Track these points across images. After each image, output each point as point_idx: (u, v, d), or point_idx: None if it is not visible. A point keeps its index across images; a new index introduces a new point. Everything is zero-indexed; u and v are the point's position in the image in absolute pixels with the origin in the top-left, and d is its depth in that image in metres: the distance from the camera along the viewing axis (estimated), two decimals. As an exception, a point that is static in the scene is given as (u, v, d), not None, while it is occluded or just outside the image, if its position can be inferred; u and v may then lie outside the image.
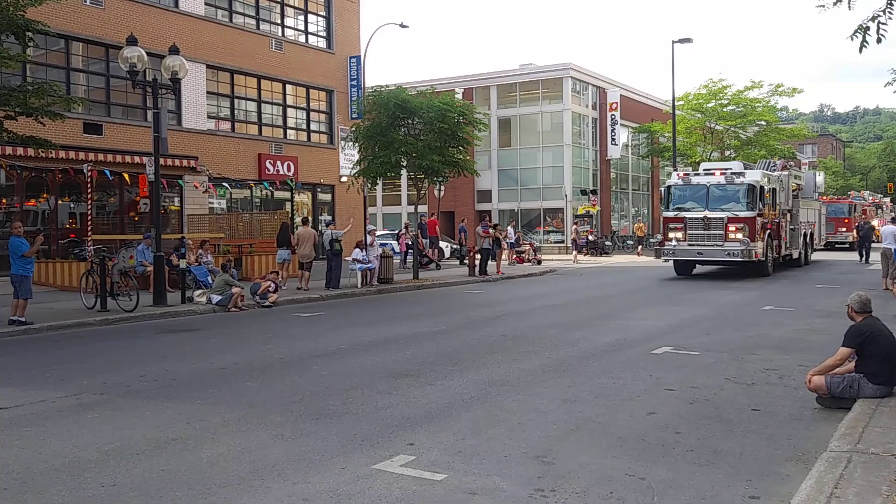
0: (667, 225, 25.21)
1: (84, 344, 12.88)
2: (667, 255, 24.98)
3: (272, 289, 18.20)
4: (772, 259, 25.29)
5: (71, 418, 7.70)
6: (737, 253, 23.35)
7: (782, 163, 29.64)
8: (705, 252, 24.09)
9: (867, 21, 6.94)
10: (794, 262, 28.85)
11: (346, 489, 5.54)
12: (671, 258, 25.15)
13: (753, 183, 24.05)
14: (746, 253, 23.24)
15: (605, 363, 10.36)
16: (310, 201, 36.04)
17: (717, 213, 24.01)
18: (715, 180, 24.60)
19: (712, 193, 24.41)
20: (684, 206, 24.71)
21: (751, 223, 23.57)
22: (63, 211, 26.09)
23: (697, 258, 24.73)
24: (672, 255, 24.82)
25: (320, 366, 10.37)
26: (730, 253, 23.51)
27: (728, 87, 46.44)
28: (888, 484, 5.10)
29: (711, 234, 23.92)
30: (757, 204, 23.83)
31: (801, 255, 29.54)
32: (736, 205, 23.93)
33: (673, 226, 24.78)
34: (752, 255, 23.42)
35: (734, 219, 23.71)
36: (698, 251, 24.18)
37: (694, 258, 24.82)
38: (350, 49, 36.86)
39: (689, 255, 24.61)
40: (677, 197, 25.05)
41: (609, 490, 5.48)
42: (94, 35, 26.31)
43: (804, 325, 13.78)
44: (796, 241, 28.88)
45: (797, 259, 29.13)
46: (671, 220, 24.94)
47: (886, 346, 7.68)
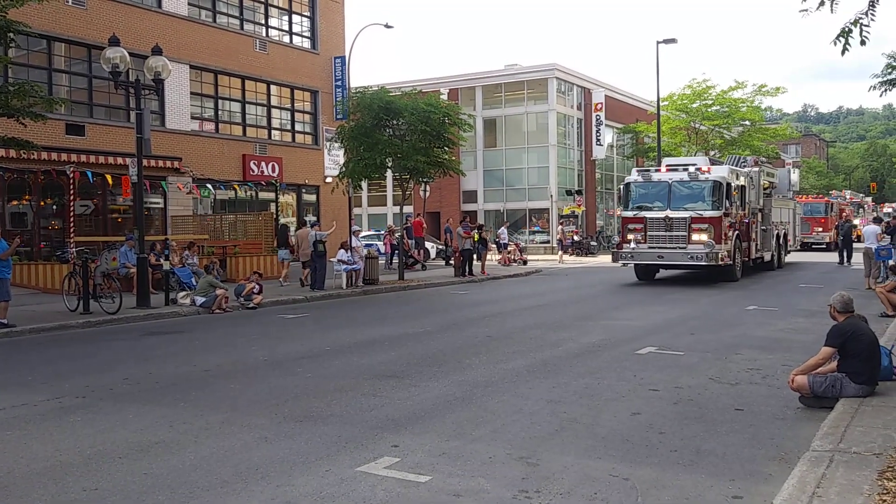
0: (625, 226, 23.42)
1: (66, 346, 12.78)
2: (625, 258, 23.04)
3: (256, 290, 18.14)
4: (740, 263, 23.49)
5: (53, 422, 7.64)
6: (701, 256, 21.47)
7: (754, 159, 27.80)
8: (666, 255, 22.28)
9: (849, 24, 6.98)
10: (766, 265, 26.99)
11: (330, 491, 5.52)
12: (630, 262, 23.23)
13: (719, 180, 22.14)
14: (711, 256, 21.42)
15: (589, 364, 10.38)
16: (294, 202, 35.92)
17: (679, 212, 22.14)
18: (678, 177, 22.59)
19: (675, 191, 22.46)
20: (645, 205, 22.85)
21: (716, 223, 21.73)
22: (45, 212, 25.89)
23: (658, 262, 22.99)
24: (630, 258, 22.91)
25: (305, 367, 10.34)
26: (693, 256, 21.62)
27: (712, 87, 46.69)
28: (870, 483, 5.13)
29: (674, 236, 22.09)
30: (723, 202, 21.96)
31: (773, 257, 27.58)
32: (701, 204, 22.06)
33: (632, 227, 22.91)
34: (718, 259, 21.58)
35: (698, 219, 21.84)
36: (659, 254, 22.36)
37: (654, 262, 23.06)
38: (335, 49, 36.78)
39: (649, 259, 22.79)
40: (637, 195, 23.17)
41: (593, 490, 5.49)
42: (77, 35, 26.13)
43: (787, 325, 13.85)
44: (768, 242, 26.92)
45: (769, 262, 27.23)
46: (630, 221, 23.08)
47: (868, 346, 7.73)
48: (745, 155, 31.39)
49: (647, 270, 24.05)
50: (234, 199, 32.81)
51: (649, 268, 23.84)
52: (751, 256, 24.81)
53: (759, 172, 26.08)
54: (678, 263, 22.83)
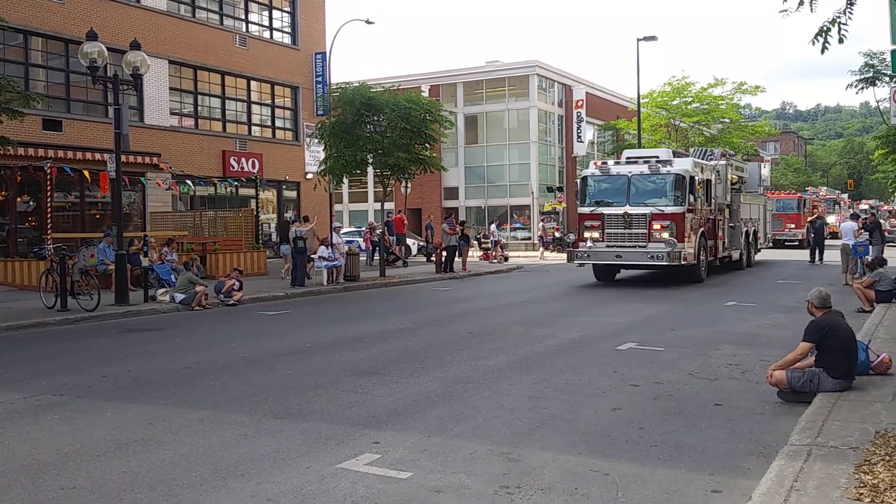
0: (582, 223, 21.78)
1: (43, 344, 12.65)
2: (580, 258, 21.41)
3: (237, 287, 18.03)
4: (705, 262, 22.06)
5: (29, 420, 7.56)
6: (661, 256, 19.98)
7: (721, 152, 26.39)
8: (625, 255, 20.78)
9: (828, 23, 7.04)
10: (734, 264, 25.82)
11: (310, 488, 5.50)
12: (586, 262, 21.66)
13: (682, 173, 20.64)
14: (673, 256, 19.91)
15: (570, 359, 10.40)
16: (275, 199, 35.77)
17: (639, 208, 20.65)
18: (638, 170, 21.08)
19: (635, 186, 20.95)
20: (603, 200, 21.31)
21: (678, 220, 20.31)
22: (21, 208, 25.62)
23: (616, 262, 21.41)
24: (586, 258, 21.31)
25: (285, 364, 10.30)
26: (653, 256, 20.12)
27: (692, 84, 46.94)
28: (847, 476, 5.18)
29: (633, 234, 20.65)
30: (686, 198, 20.50)
31: (742, 256, 26.41)
32: (662, 199, 20.63)
33: (589, 224, 21.38)
34: (680, 258, 20.07)
35: (659, 215, 20.41)
36: (617, 254, 20.80)
37: (612, 262, 21.48)
38: (315, 45, 36.63)
39: (606, 259, 21.24)
40: (595, 190, 21.61)
41: (574, 486, 5.50)
42: (54, 30, 25.86)
43: (766, 321, 13.96)
44: (737, 240, 25.68)
45: (738, 261, 26.04)
46: (587, 217, 21.52)
47: (845, 341, 7.81)
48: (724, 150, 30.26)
49: (606, 271, 22.74)
50: (213, 195, 32.62)
51: (609, 268, 22.51)
52: (717, 255, 23.62)
53: (726, 166, 24.82)
54: (637, 263, 21.47)
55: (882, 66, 20.51)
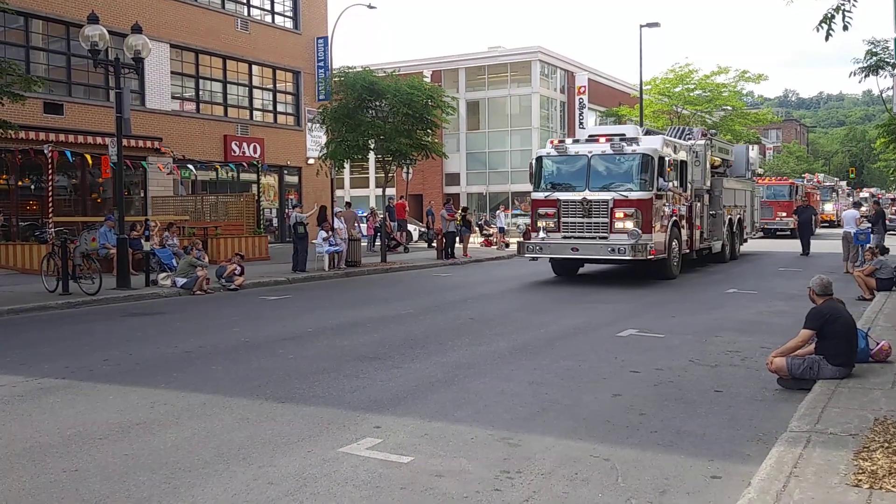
0: (535, 210, 19.09)
1: (45, 328, 12.68)
2: (532, 251, 18.75)
3: (238, 272, 18.05)
4: (678, 256, 19.50)
5: (32, 403, 7.59)
6: (624, 249, 17.33)
7: (701, 130, 23.76)
8: (583, 248, 18.02)
9: (832, 10, 7.01)
10: (715, 256, 23.35)
11: (312, 472, 5.53)
12: (538, 255, 19.01)
13: (649, 153, 18.01)
14: (638, 248, 17.30)
15: (571, 346, 10.43)
16: (276, 183, 35.73)
17: (600, 193, 18.02)
18: (599, 149, 18.39)
19: (595, 167, 18.27)
20: (559, 184, 18.79)
21: (645, 207, 17.71)
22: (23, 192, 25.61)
23: (572, 255, 18.58)
24: (538, 251, 18.63)
25: (286, 349, 10.32)
26: (614, 249, 17.52)
27: (695, 71, 46.80)
28: (846, 463, 5.20)
29: (593, 224, 17.99)
30: (655, 181, 17.92)
31: (725, 247, 23.80)
32: (626, 183, 18.03)
33: (543, 211, 18.75)
34: (646, 252, 17.44)
35: (622, 202, 17.78)
36: (573, 247, 18.11)
37: (567, 256, 18.68)
38: (317, 30, 36.49)
39: (561, 252, 18.53)
40: (550, 172, 18.98)
41: (574, 471, 5.53)
42: (55, 13, 25.75)
43: (766, 308, 13.97)
44: (718, 230, 23.15)
45: (720, 253, 23.49)
46: (541, 204, 18.86)
47: (846, 328, 7.82)
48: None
49: (565, 265, 20.08)
50: (215, 180, 32.58)
51: (569, 262, 19.73)
52: (694, 247, 21.09)
53: (705, 146, 21.95)
54: (596, 258, 18.74)
55: (885, 55, 20.39)
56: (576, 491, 5.18)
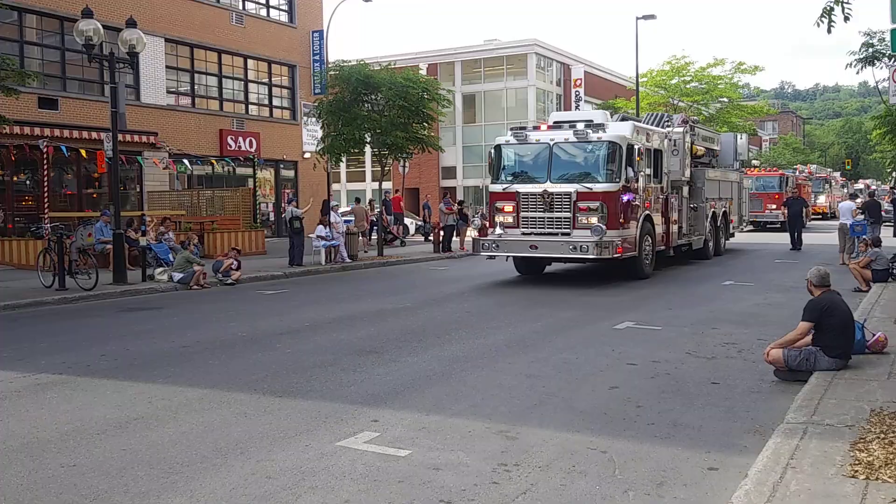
0: (493, 204, 17.58)
1: (42, 323, 12.66)
2: (487, 248, 17.07)
3: (235, 266, 18.03)
4: (651, 253, 17.93)
5: (29, 398, 7.58)
6: (587, 247, 15.75)
7: (682, 117, 22.18)
8: (542, 245, 16.49)
9: (831, 3, 6.99)
10: (696, 253, 21.74)
11: (309, 466, 5.54)
12: (495, 253, 17.20)
13: (617, 140, 16.47)
14: (602, 246, 15.74)
15: (568, 338, 10.44)
16: (273, 178, 35.69)
17: (562, 185, 16.42)
18: (561, 136, 16.80)
19: (557, 157, 16.72)
20: (518, 175, 17.32)
21: (611, 201, 16.15)
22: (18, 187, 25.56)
23: (531, 254, 16.99)
24: (495, 248, 16.94)
25: (284, 343, 10.32)
26: (576, 247, 15.94)
27: (691, 63, 46.75)
28: (842, 454, 5.21)
29: (555, 219, 16.45)
30: (622, 172, 16.37)
31: (707, 243, 22.21)
32: (591, 174, 16.51)
33: (501, 205, 17.23)
34: (612, 250, 15.91)
35: (586, 194, 16.16)
36: (532, 244, 16.57)
37: (526, 254, 17.11)
38: (313, 23, 36.40)
39: (519, 250, 16.95)
40: (510, 162, 17.54)
41: (571, 463, 5.54)
42: (49, 7, 25.67)
43: (763, 300, 13.99)
44: (700, 224, 21.68)
45: (701, 249, 21.89)
46: (499, 197, 17.32)
47: (843, 320, 7.83)
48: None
49: (530, 263, 18.31)
50: (211, 174, 32.54)
51: (533, 259, 17.88)
52: (670, 243, 19.54)
53: (683, 134, 20.23)
54: (556, 256, 17.20)
55: (881, 46, 20.38)
56: (573, 483, 5.20)
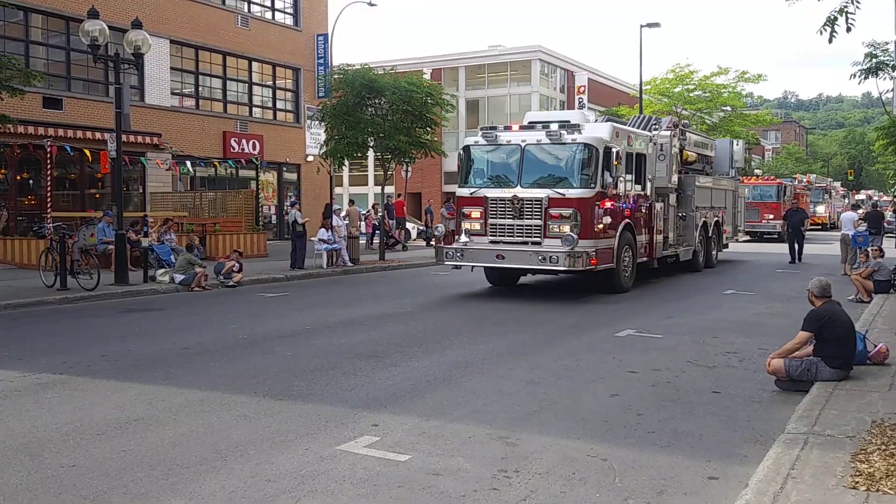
0: (460, 209, 16.33)
1: (43, 323, 12.67)
2: (451, 258, 15.80)
3: (236, 268, 18.04)
4: (631, 266, 16.68)
5: (29, 398, 7.58)
6: (557, 258, 14.48)
7: (671, 120, 20.57)
8: (510, 255, 15.16)
9: (835, 12, 7.00)
10: (685, 265, 20.58)
11: (309, 470, 5.53)
12: (460, 262, 15.86)
13: (593, 143, 15.19)
14: (574, 257, 14.45)
15: (569, 345, 10.43)
16: (275, 180, 35.72)
17: (533, 190, 15.20)
18: (534, 138, 15.59)
19: (529, 159, 15.53)
20: (487, 179, 16.08)
21: (585, 208, 14.91)
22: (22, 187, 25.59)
23: (497, 264, 15.66)
24: (460, 257, 15.65)
25: (284, 346, 10.32)
26: (546, 258, 14.65)
27: (695, 72, 46.74)
28: (843, 465, 5.21)
29: (525, 227, 15.22)
30: (600, 177, 15.16)
31: (697, 254, 20.94)
32: (564, 178, 15.30)
33: (467, 210, 16.02)
34: (585, 261, 14.66)
35: (559, 201, 14.95)
36: (498, 253, 15.24)
37: (491, 265, 15.86)
38: (317, 27, 36.47)
39: (485, 260, 15.59)
40: (479, 165, 16.30)
41: (571, 471, 5.53)
42: (55, 7, 25.72)
43: (764, 309, 13.98)
44: (689, 234, 20.46)
45: (691, 261, 20.71)
46: (466, 202, 16.09)
47: (844, 331, 7.83)
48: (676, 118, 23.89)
49: (502, 274, 17.13)
50: (214, 176, 32.57)
51: (503, 270, 16.60)
52: (653, 254, 18.20)
53: (671, 138, 18.86)
54: (524, 268, 15.89)
55: (885, 57, 20.39)
56: (573, 490, 5.19)
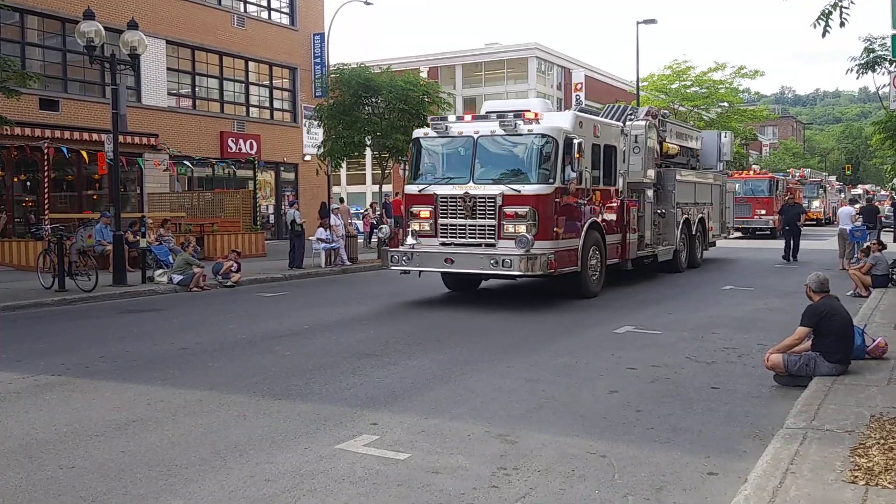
0: (409, 208, 14.92)
1: (41, 324, 12.65)
2: (396, 262, 14.28)
3: (234, 268, 18.03)
4: (599, 268, 15.27)
5: (28, 399, 7.57)
6: (511, 262, 13.07)
7: (647, 110, 19.32)
8: (460, 259, 13.68)
9: (829, 7, 7.01)
10: (665, 265, 19.09)
11: (309, 469, 5.53)
12: (407, 267, 14.39)
13: (551, 134, 13.75)
14: (530, 261, 13.06)
15: (567, 342, 10.43)
16: (273, 180, 35.70)
17: (486, 187, 13.77)
18: (487, 129, 14.15)
19: (483, 153, 14.12)
20: (438, 175, 14.73)
21: (542, 206, 13.50)
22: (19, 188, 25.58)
23: (446, 269, 14.21)
24: (406, 261, 14.18)
25: (283, 346, 10.31)
26: (498, 261, 13.22)
27: (692, 68, 46.82)
28: (842, 459, 5.21)
29: (477, 227, 13.78)
30: (560, 171, 13.68)
31: (679, 253, 19.58)
32: (521, 173, 13.91)
33: (416, 209, 14.58)
34: (544, 265, 13.24)
35: (513, 198, 13.53)
36: (448, 257, 13.77)
37: (440, 269, 14.38)
38: (314, 26, 36.44)
39: (434, 265, 14.11)
40: (429, 159, 14.98)
41: (571, 468, 5.53)
42: (50, 9, 25.69)
43: (763, 305, 13.98)
44: (669, 232, 19.10)
45: (672, 261, 19.24)
46: (415, 200, 14.65)
47: (842, 325, 7.83)
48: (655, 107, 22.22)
49: (460, 277, 15.71)
50: (211, 176, 32.56)
51: (459, 276, 15.43)
52: (627, 255, 16.69)
53: (647, 129, 17.25)
54: (475, 272, 14.32)
55: (882, 51, 20.41)
56: (573, 487, 5.19)
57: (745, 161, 54.06)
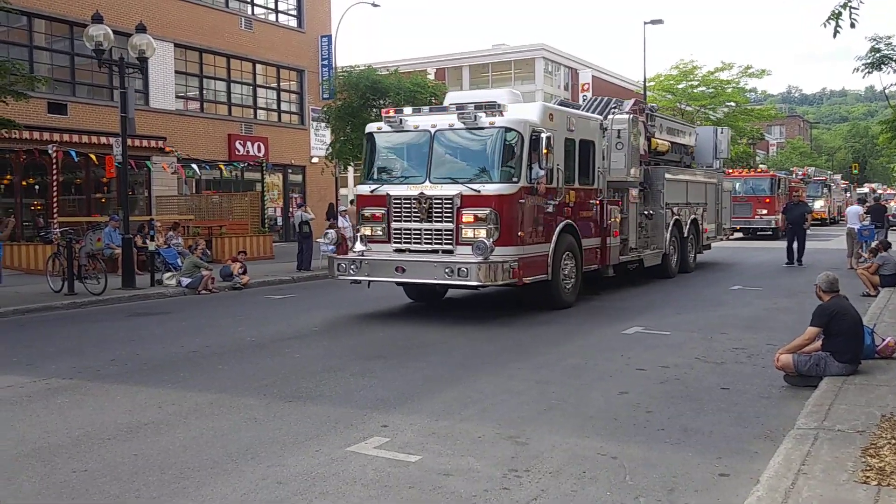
0: (360, 210, 13.43)
1: (52, 328, 12.71)
2: (345, 271, 12.89)
3: (242, 271, 18.07)
4: (574, 276, 13.95)
5: (40, 403, 7.61)
6: (468, 271, 11.69)
7: (633, 103, 17.36)
8: (412, 267, 12.28)
9: (839, 7, 7.00)
10: (652, 270, 17.90)
11: (320, 471, 5.54)
12: (357, 277, 12.99)
13: (515, 127, 12.44)
14: (490, 270, 11.73)
15: (575, 344, 10.43)
16: (281, 182, 35.77)
17: (443, 187, 12.43)
18: (445, 122, 12.80)
19: (440, 148, 12.81)
20: (391, 173, 13.47)
21: (505, 208, 12.18)
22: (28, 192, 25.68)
23: (396, 279, 12.87)
24: (355, 270, 12.75)
25: (293, 348, 10.34)
26: (454, 270, 11.81)
27: (698, 68, 46.77)
28: (854, 460, 5.20)
29: (434, 231, 12.47)
30: (524, 169, 12.36)
31: (668, 258, 18.28)
32: (482, 172, 12.60)
33: (368, 212, 13.18)
34: (506, 273, 11.94)
35: (473, 199, 12.21)
36: (399, 265, 12.38)
37: (390, 279, 12.93)
38: (321, 28, 36.51)
39: (385, 274, 12.67)
40: (383, 156, 13.61)
41: (582, 469, 5.53)
42: (59, 12, 25.79)
43: (772, 305, 13.94)
44: (657, 235, 17.82)
45: (661, 266, 18.04)
46: (366, 202, 13.28)
47: (852, 325, 7.82)
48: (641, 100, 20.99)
49: (422, 288, 14.46)
50: (219, 179, 32.63)
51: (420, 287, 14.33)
52: (608, 260, 15.35)
53: (630, 123, 15.89)
54: (427, 282, 12.86)
55: (889, 50, 20.31)
56: (584, 489, 5.19)
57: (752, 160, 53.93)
